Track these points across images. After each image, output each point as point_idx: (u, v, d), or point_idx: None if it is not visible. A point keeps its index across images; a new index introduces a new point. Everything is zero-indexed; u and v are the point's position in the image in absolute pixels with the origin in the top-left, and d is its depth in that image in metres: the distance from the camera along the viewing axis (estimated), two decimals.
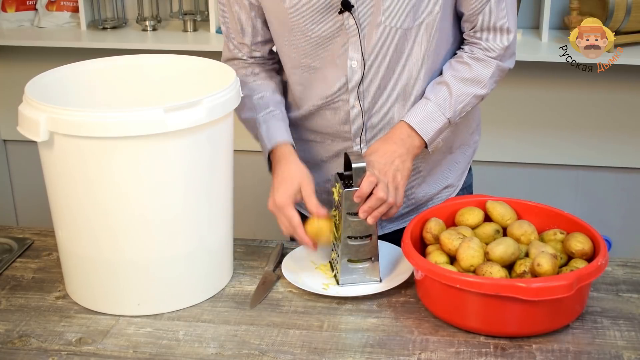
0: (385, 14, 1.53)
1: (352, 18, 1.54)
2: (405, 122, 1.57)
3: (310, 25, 1.57)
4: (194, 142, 1.41)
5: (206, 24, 2.85)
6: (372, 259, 1.54)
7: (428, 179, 1.73)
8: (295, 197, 1.54)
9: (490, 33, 1.58)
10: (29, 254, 1.69)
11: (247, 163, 2.83)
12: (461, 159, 1.77)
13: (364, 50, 1.57)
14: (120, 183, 1.38)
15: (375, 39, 1.56)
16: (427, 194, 1.75)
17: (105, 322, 1.46)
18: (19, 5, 2.98)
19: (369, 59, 1.58)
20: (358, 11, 1.54)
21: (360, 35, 1.55)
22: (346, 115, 1.65)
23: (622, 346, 1.36)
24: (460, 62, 1.60)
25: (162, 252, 1.45)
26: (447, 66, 1.61)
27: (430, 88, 1.59)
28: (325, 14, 1.55)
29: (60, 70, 1.58)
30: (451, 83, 1.58)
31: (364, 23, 1.55)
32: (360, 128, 1.65)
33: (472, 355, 1.34)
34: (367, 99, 1.62)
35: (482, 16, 1.56)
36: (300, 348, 1.37)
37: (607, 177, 2.89)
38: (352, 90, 1.61)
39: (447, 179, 1.76)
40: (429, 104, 1.57)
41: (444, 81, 1.58)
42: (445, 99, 1.57)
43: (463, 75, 1.58)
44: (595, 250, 1.45)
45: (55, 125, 1.35)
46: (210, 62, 1.62)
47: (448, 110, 1.57)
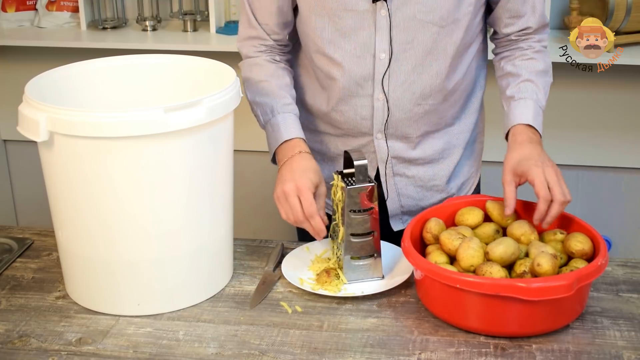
0: (421, 8, 1.54)
1: (384, 8, 1.54)
2: (523, 124, 1.60)
3: (340, 11, 1.56)
4: (194, 142, 1.41)
5: (206, 24, 2.85)
6: (374, 256, 1.54)
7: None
8: (315, 188, 1.53)
9: (540, 29, 1.68)
10: (29, 254, 1.69)
11: (247, 163, 2.83)
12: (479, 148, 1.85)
13: (392, 43, 1.57)
14: (120, 183, 1.38)
15: (405, 32, 1.56)
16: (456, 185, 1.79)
17: (105, 322, 1.46)
18: (19, 5, 2.98)
19: (396, 51, 1.58)
20: (392, 2, 1.54)
21: (391, 27, 1.56)
22: (368, 109, 1.65)
23: (622, 346, 1.36)
24: (529, 59, 1.66)
25: (162, 252, 1.45)
26: (516, 65, 1.66)
27: (517, 88, 1.64)
28: (359, 2, 1.55)
29: (60, 70, 1.57)
30: (533, 78, 1.65)
31: (397, 15, 1.55)
32: (383, 122, 1.66)
33: (472, 355, 1.34)
34: (391, 93, 1.62)
35: (533, 19, 1.65)
36: (300, 348, 1.37)
37: (607, 177, 2.89)
38: (377, 83, 1.62)
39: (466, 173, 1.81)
40: (528, 101, 1.62)
41: (528, 79, 1.65)
42: (537, 94, 1.63)
43: (538, 69, 1.66)
44: (595, 250, 1.45)
45: (55, 125, 1.35)
46: (210, 62, 1.61)
47: (543, 103, 1.65)
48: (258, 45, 1.70)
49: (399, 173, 1.74)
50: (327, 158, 1.74)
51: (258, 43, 1.70)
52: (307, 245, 1.66)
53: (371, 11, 1.55)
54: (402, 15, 1.55)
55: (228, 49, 2.66)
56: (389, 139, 1.68)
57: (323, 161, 1.77)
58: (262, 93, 1.66)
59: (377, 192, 1.50)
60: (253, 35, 1.70)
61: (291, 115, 1.64)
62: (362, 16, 1.56)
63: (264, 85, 1.66)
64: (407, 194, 1.76)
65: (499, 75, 1.70)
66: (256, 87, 1.67)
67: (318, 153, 1.77)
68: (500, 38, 1.70)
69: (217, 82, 1.49)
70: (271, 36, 1.69)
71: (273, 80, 1.67)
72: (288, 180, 1.52)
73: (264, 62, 1.69)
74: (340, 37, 1.59)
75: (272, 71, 1.68)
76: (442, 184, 1.76)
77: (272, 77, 1.68)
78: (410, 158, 1.72)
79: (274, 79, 1.68)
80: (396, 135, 1.68)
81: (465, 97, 1.72)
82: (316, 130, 1.76)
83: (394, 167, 1.73)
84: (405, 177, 1.74)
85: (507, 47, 1.70)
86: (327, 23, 1.59)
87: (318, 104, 1.71)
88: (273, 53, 1.71)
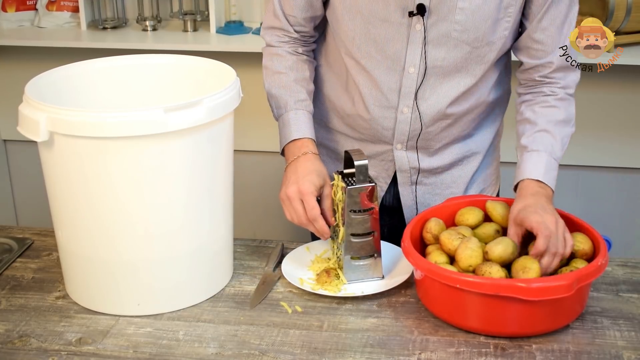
0: (457, 27, 1.52)
1: (420, 23, 1.53)
2: (531, 179, 1.53)
3: (374, 20, 1.54)
4: (194, 142, 1.41)
5: (206, 24, 2.85)
6: (374, 256, 1.54)
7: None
8: (318, 190, 1.53)
9: (565, 72, 1.60)
10: (29, 254, 1.69)
11: (247, 163, 2.83)
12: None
13: (425, 58, 1.56)
14: (120, 183, 1.38)
15: (438, 49, 1.55)
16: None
17: (105, 322, 1.46)
18: (19, 5, 2.98)
19: (428, 67, 1.57)
20: (429, 18, 1.52)
21: (426, 42, 1.54)
22: (391, 120, 1.64)
23: (622, 346, 1.36)
24: (549, 107, 1.60)
25: (162, 252, 1.45)
26: (536, 112, 1.60)
27: (532, 139, 1.57)
28: (394, 13, 1.53)
29: (60, 70, 1.57)
30: (551, 129, 1.58)
31: (432, 31, 1.53)
32: (405, 134, 1.65)
33: (472, 355, 1.34)
34: (417, 107, 1.61)
35: (556, 58, 1.58)
36: (300, 348, 1.37)
37: (607, 177, 2.89)
38: (403, 96, 1.61)
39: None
40: (542, 154, 1.55)
41: (544, 129, 1.58)
42: (553, 145, 1.57)
43: (557, 118, 1.59)
44: (595, 250, 1.45)
45: (55, 125, 1.35)
46: (210, 62, 1.61)
47: (559, 155, 1.58)
48: (281, 35, 1.69)
49: (417, 182, 1.73)
50: (339, 158, 1.72)
51: (281, 34, 1.68)
52: (307, 245, 1.66)
53: (406, 24, 1.54)
54: (437, 32, 1.53)
55: (228, 49, 2.66)
56: (409, 150, 1.68)
57: (337, 160, 1.77)
58: (278, 85, 1.66)
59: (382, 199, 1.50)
60: (277, 26, 1.68)
61: (304, 113, 1.63)
62: (396, 28, 1.55)
63: (281, 77, 1.65)
64: (425, 202, 1.75)
65: (518, 120, 1.64)
66: (273, 78, 1.66)
67: (330, 151, 1.77)
68: (525, 74, 1.64)
69: (217, 82, 1.49)
70: (295, 27, 1.67)
71: (291, 74, 1.66)
72: (292, 184, 1.53)
73: (285, 52, 1.68)
74: (371, 45, 1.58)
75: (292, 64, 1.67)
76: (460, 191, 1.75)
77: (290, 69, 1.66)
78: (429, 167, 1.72)
79: (293, 71, 1.66)
80: (417, 146, 1.68)
81: (489, 111, 1.71)
82: (333, 129, 1.75)
83: (412, 176, 1.72)
84: (422, 185, 1.74)
85: (530, 90, 1.64)
86: (360, 29, 1.57)
87: (342, 104, 1.70)
88: (296, 44, 1.69)
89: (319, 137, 1.75)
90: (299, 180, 1.52)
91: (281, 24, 1.67)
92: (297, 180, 1.53)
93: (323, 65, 1.73)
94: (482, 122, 1.72)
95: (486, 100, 1.67)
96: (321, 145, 1.77)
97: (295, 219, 1.53)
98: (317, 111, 1.72)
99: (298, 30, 1.67)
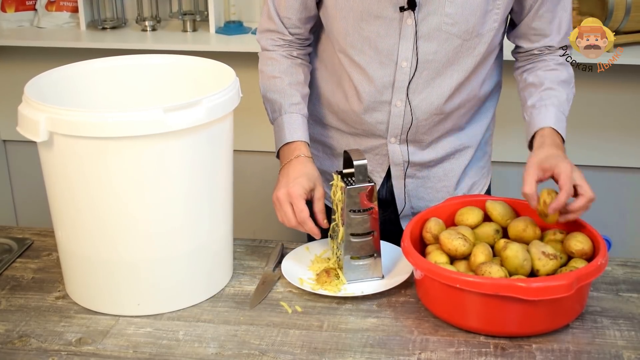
0: (447, 20, 1.54)
1: (411, 18, 1.54)
2: (546, 127, 1.58)
3: (366, 16, 1.56)
4: (194, 142, 1.41)
5: (206, 24, 2.85)
6: (374, 256, 1.54)
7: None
8: (308, 193, 1.55)
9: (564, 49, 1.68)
10: (29, 254, 1.69)
11: (247, 163, 2.83)
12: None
13: (417, 52, 1.57)
14: (120, 183, 1.38)
15: (430, 43, 1.57)
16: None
17: (105, 322, 1.46)
18: (18, 5, 2.98)
19: (420, 60, 1.58)
20: (420, 12, 1.54)
21: (417, 37, 1.56)
22: (385, 114, 1.66)
23: (622, 346, 1.36)
24: (551, 70, 1.66)
25: (162, 252, 1.45)
26: (539, 76, 1.65)
27: (539, 97, 1.62)
28: (386, 9, 1.54)
29: (60, 70, 1.57)
30: (556, 87, 1.63)
31: (423, 25, 1.55)
32: (399, 128, 1.66)
33: (472, 355, 1.34)
34: (410, 101, 1.63)
35: (558, 38, 1.65)
36: (300, 348, 1.37)
37: (607, 177, 2.89)
38: (396, 90, 1.62)
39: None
40: (550, 107, 1.60)
41: (550, 87, 1.63)
42: (560, 100, 1.62)
43: (560, 78, 1.65)
44: (595, 250, 1.45)
45: (54, 126, 1.35)
46: (209, 62, 1.62)
47: (566, 110, 1.63)
48: (276, 39, 1.70)
49: (410, 175, 1.74)
50: (335, 154, 1.75)
51: (276, 37, 1.70)
52: (307, 245, 1.66)
53: (397, 19, 1.55)
54: (428, 26, 1.55)
55: (228, 49, 2.66)
56: (402, 143, 1.69)
57: (333, 156, 1.78)
58: (273, 89, 1.67)
59: (377, 192, 1.50)
60: (271, 29, 1.70)
61: (297, 116, 1.65)
62: (388, 24, 1.56)
63: (276, 81, 1.67)
64: (418, 195, 1.77)
65: (521, 88, 1.69)
66: (268, 82, 1.68)
67: (326, 147, 1.79)
68: (522, 52, 1.70)
69: (217, 82, 1.49)
70: (290, 29, 1.68)
71: (285, 77, 1.68)
72: (282, 186, 1.56)
73: (279, 57, 1.69)
74: (364, 41, 1.59)
75: (286, 68, 1.68)
76: (452, 184, 1.77)
77: (284, 73, 1.68)
78: (422, 161, 1.73)
79: (287, 75, 1.68)
80: (410, 140, 1.69)
81: (480, 104, 1.73)
82: (328, 125, 1.77)
83: (405, 169, 1.73)
84: (415, 178, 1.75)
85: (529, 61, 1.69)
86: (353, 26, 1.58)
87: (336, 100, 1.72)
88: (291, 48, 1.70)
89: (315, 134, 1.77)
90: (289, 183, 1.55)
91: (276, 27, 1.69)
92: (287, 183, 1.55)
93: (316, 62, 1.75)
94: (474, 115, 1.74)
95: (478, 94, 1.69)
96: (317, 142, 1.79)
97: (286, 221, 1.55)
98: (312, 108, 1.74)
99: (293, 32, 1.69)
